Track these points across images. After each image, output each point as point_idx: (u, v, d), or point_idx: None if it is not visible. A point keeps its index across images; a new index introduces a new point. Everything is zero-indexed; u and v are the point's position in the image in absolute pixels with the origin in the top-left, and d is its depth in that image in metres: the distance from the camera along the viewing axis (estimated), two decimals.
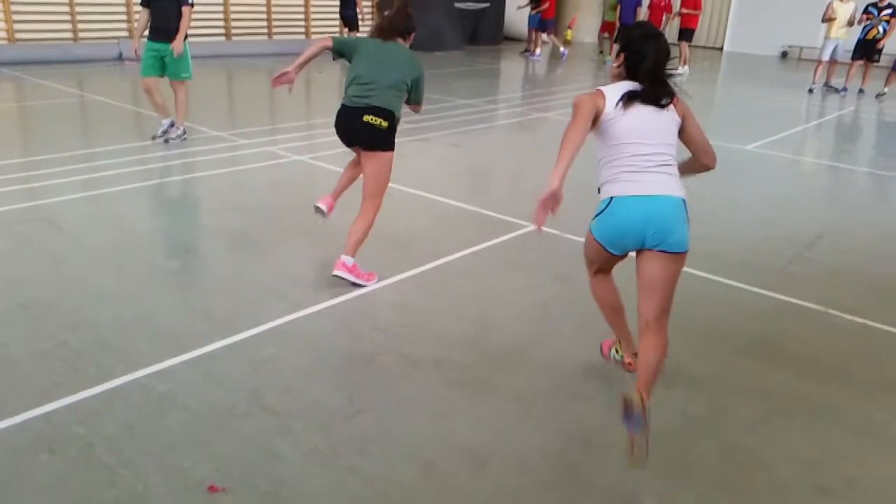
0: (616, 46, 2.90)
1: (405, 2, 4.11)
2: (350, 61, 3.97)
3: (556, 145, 2.55)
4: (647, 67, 2.65)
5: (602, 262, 2.93)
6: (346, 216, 4.71)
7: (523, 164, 7.25)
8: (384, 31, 4.02)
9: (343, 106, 3.92)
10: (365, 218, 3.97)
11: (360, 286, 3.93)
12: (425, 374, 3.13)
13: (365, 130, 3.85)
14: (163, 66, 6.64)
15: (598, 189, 2.78)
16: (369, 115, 3.81)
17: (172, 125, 6.81)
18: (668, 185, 2.69)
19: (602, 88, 2.72)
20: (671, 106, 2.71)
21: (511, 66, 15.57)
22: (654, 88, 2.66)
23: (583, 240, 3.00)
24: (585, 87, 3.52)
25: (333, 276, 3.88)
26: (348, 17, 13.51)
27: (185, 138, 6.94)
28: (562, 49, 16.60)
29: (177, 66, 6.65)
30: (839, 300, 4.05)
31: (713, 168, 2.94)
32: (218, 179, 5.99)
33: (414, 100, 4.09)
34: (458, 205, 5.52)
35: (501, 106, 10.59)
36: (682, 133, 2.81)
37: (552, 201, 2.47)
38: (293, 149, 6.97)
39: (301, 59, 3.97)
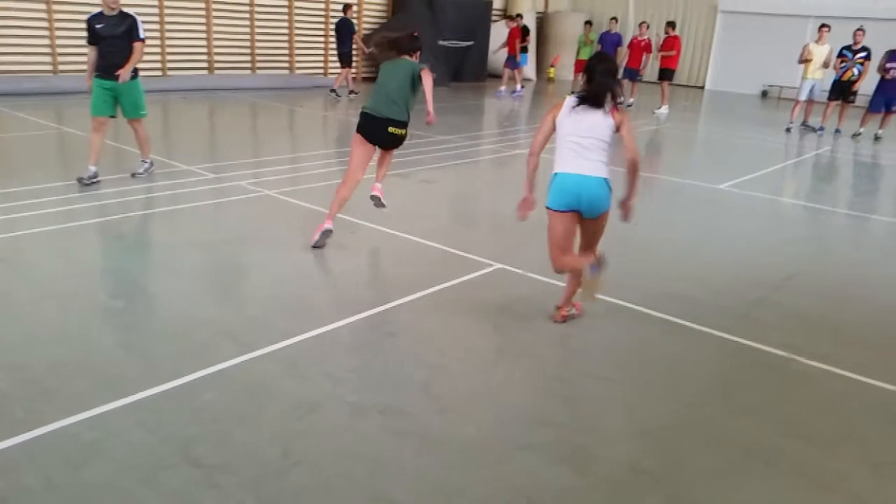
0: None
1: (412, 28, 5.42)
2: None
3: None
4: (594, 79, 3.62)
5: (560, 237, 3.79)
6: (303, 255, 4.66)
7: (495, 201, 7.21)
8: (394, 51, 5.17)
9: (366, 114, 5.11)
10: (387, 161, 5.54)
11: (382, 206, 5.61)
12: (370, 423, 3.01)
13: (390, 139, 5.19)
14: (115, 105, 6.48)
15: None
16: (392, 126, 5.08)
17: (97, 175, 6.42)
18: (596, 168, 3.65)
19: (567, 97, 3.76)
20: (609, 114, 3.63)
21: (493, 103, 15.66)
22: (595, 92, 3.61)
23: (544, 279, 4.39)
24: None
25: (373, 195, 5.53)
26: (343, 53, 13.75)
27: (151, 171, 6.85)
28: (502, 88, 16.35)
29: (133, 104, 6.51)
30: (802, 345, 3.98)
31: (635, 159, 3.71)
32: (180, 214, 5.89)
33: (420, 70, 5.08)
34: (425, 242, 5.44)
35: (479, 142, 10.59)
36: (617, 133, 3.69)
37: (526, 205, 3.82)
38: (263, 183, 6.90)
39: None
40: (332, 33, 14.85)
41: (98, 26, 6.26)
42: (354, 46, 13.98)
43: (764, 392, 3.51)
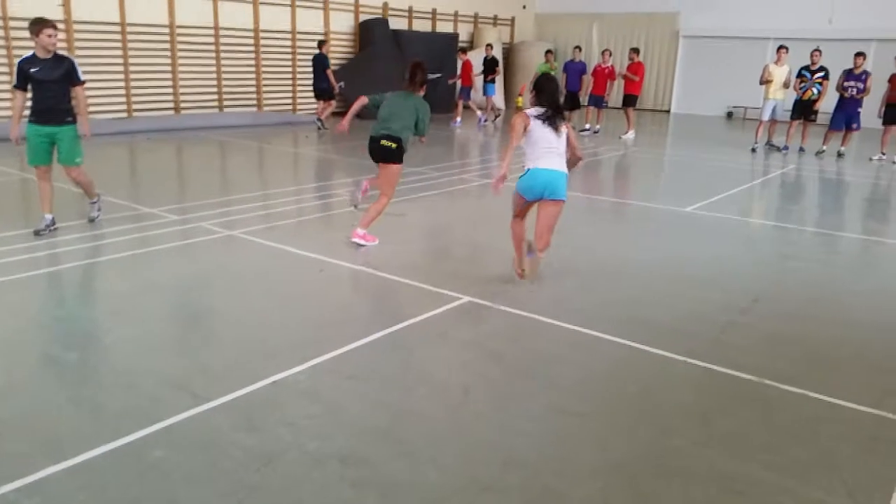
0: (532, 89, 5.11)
1: (421, 65, 6.01)
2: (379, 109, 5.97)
3: (501, 213, 5.06)
4: (546, 98, 4.93)
5: (520, 208, 5.11)
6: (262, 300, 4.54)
7: (464, 233, 7.15)
8: (407, 84, 5.98)
9: (371, 136, 5.93)
10: (379, 203, 6.05)
11: (367, 245, 6.01)
12: (329, 474, 2.88)
13: (382, 150, 5.91)
14: (52, 151, 6.23)
15: (524, 165, 4.97)
16: (385, 140, 5.87)
17: (54, 222, 6.23)
18: (559, 165, 4.86)
19: (526, 111, 4.89)
20: (563, 125, 4.90)
21: (462, 134, 15.71)
22: (553, 113, 4.89)
23: (513, 310, 4.70)
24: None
25: (352, 241, 5.99)
26: (321, 89, 13.97)
27: (101, 204, 6.68)
28: (457, 120, 16.44)
29: (71, 152, 6.24)
30: (773, 368, 3.93)
31: (582, 158, 5.24)
32: (140, 259, 5.72)
33: (419, 131, 6.01)
34: (392, 277, 5.35)
35: (449, 173, 10.57)
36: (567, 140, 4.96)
37: (500, 181, 4.84)
38: (227, 223, 6.77)
39: (349, 114, 6.07)
40: (300, 70, 14.87)
41: (33, 70, 5.97)
42: (330, 83, 14.08)
43: (736, 419, 3.43)
